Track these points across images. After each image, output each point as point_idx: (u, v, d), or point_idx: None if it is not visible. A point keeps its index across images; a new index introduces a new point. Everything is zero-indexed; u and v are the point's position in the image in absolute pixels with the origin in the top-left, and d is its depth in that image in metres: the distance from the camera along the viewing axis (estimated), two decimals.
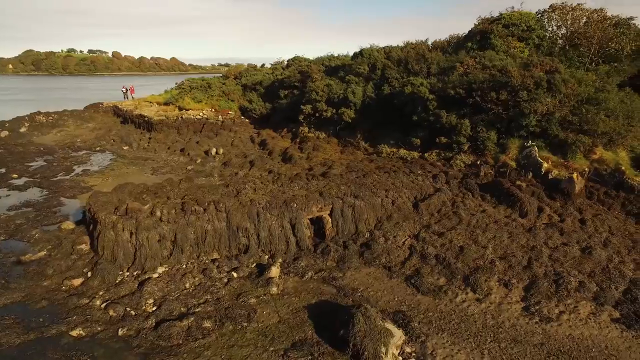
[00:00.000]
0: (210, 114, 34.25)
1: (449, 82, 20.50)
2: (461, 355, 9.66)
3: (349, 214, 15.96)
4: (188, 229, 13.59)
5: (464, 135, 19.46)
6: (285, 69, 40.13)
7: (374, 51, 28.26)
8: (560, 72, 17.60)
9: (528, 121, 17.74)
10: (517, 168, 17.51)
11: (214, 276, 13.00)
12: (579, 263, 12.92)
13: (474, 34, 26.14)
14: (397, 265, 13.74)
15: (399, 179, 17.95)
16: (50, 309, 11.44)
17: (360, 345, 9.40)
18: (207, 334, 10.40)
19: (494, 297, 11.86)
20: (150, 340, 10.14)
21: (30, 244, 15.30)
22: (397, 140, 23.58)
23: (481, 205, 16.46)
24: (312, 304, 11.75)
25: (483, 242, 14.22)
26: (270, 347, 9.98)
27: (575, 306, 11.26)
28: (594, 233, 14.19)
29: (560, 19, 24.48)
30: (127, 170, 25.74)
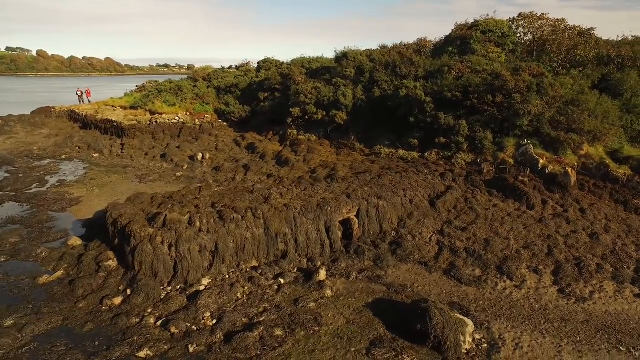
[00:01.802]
0: (187, 118, 32.97)
1: (445, 86, 21.75)
2: (526, 337, 10.53)
3: (374, 214, 16.43)
4: (228, 237, 13.24)
5: (462, 136, 20.78)
6: (257, 71, 39.65)
7: (358, 54, 28.97)
8: (547, 76, 19.50)
9: (522, 121, 19.42)
10: (515, 165, 19.10)
11: (263, 284, 12.82)
12: (590, 248, 14.53)
13: (454, 39, 27.86)
14: (431, 261, 14.47)
15: (412, 179, 18.77)
16: (99, 331, 10.63)
17: (441, 336, 9.90)
18: (282, 342, 10.31)
19: (529, 283, 12.98)
20: (226, 354, 9.84)
21: (39, 264, 13.99)
22: (391, 141, 24.49)
23: (491, 200, 17.80)
24: (369, 303, 12.05)
25: (504, 234, 15.45)
26: (350, 347, 10.15)
27: (601, 286, 12.71)
28: (594, 221, 16.01)
29: (528, 26, 26.91)
30: (109, 179, 24.10)
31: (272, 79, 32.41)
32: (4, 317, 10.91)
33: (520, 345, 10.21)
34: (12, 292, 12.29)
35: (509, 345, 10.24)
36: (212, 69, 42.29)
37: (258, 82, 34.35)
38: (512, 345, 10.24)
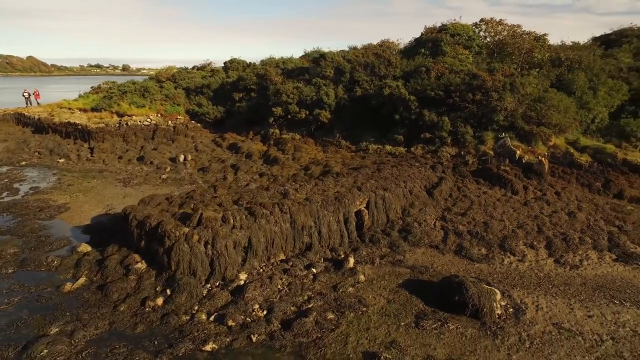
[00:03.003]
0: (159, 120, 31.95)
1: (427, 85, 23.46)
2: (542, 300, 12.14)
3: (381, 205, 17.52)
4: (259, 232, 13.60)
5: (445, 131, 22.59)
6: (226, 71, 39.26)
7: (336, 55, 30.01)
8: (518, 77, 21.87)
9: (498, 117, 21.60)
10: (495, 156, 21.21)
11: (298, 274, 13.34)
12: (571, 224, 16.76)
13: (425, 41, 29.86)
14: (441, 244, 15.83)
15: (408, 171, 20.14)
16: (153, 331, 10.58)
17: (478, 304, 11.16)
18: (336, 324, 10.98)
19: (529, 257, 14.77)
20: (289, 339, 10.32)
21: (54, 272, 13.39)
22: (376, 138, 25.82)
23: (480, 188, 19.67)
24: (401, 284, 13.07)
25: (499, 217, 17.27)
26: (399, 322, 11.09)
27: (587, 254, 14.82)
28: (569, 201, 18.40)
29: (489, 30, 29.63)
30: (90, 184, 22.97)
31: (247, 79, 32.43)
32: (46, 326, 10.49)
33: (540, 307, 11.79)
34: (39, 301, 11.72)
35: (531, 307, 11.77)
36: (176, 70, 41.12)
37: (231, 82, 34.14)
38: (534, 307, 11.78)
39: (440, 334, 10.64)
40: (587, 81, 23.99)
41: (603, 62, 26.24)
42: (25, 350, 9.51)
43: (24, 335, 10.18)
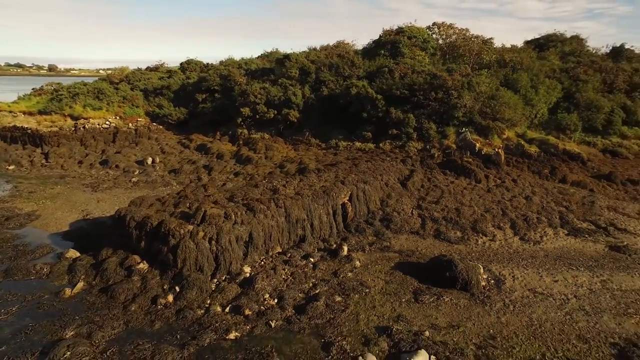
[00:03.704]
0: (118, 122, 30.75)
1: (392, 85, 25.02)
2: (516, 271, 13.89)
3: (362, 197, 18.65)
4: (259, 227, 14.11)
5: (411, 127, 24.28)
6: (183, 72, 38.47)
7: (300, 56, 30.78)
8: (473, 76, 24.10)
9: (458, 113, 23.67)
10: (458, 149, 23.24)
11: (299, 264, 14.04)
12: (528, 207, 19.00)
13: (385, 42, 31.55)
14: (420, 230, 17.27)
15: (382, 165, 21.47)
16: (171, 326, 10.78)
17: (467, 278, 12.60)
18: (345, 305, 11.85)
19: (499, 236, 16.64)
20: (305, 322, 11.01)
21: (45, 280, 12.98)
22: (344, 135, 26.98)
23: (447, 178, 21.50)
24: (393, 267, 14.24)
25: (467, 203, 19.10)
26: (401, 299, 12.21)
27: (545, 231, 16.99)
28: (524, 187, 20.75)
29: (441, 33, 32.03)
30: (54, 191, 21.85)
31: (210, 80, 32.19)
32: (58, 331, 10.30)
33: (516, 277, 13.51)
34: (40, 309, 11.37)
35: (509, 278, 13.45)
36: (130, 71, 39.53)
37: (193, 83, 33.66)
38: (511, 278, 13.48)
39: (437, 306, 11.91)
40: (529, 80, 26.93)
41: (540, 64, 29.53)
42: (45, 355, 9.35)
43: (37, 342, 9.94)
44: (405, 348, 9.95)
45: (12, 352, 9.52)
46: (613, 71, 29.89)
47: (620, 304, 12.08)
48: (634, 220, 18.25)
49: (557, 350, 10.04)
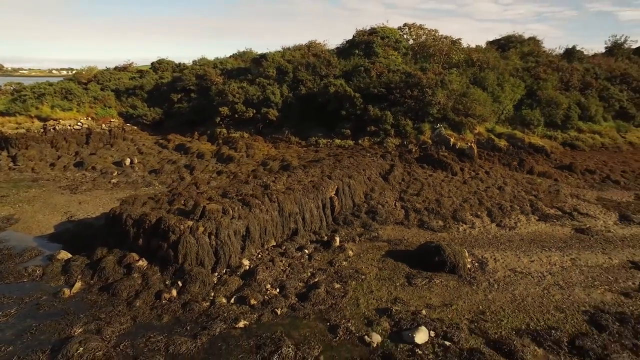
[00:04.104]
0: (91, 124, 29.91)
1: (370, 83, 25.93)
2: (497, 254, 15.04)
3: (347, 191, 19.37)
4: (255, 221, 14.48)
5: (388, 124, 25.28)
6: (155, 72, 37.78)
7: (276, 56, 31.13)
8: (446, 75, 25.41)
9: (433, 110, 24.89)
10: (433, 144, 24.45)
11: (295, 256, 14.53)
12: (502, 196, 20.39)
13: (359, 42, 32.47)
14: (405, 221, 18.19)
15: (364, 161, 22.27)
16: (179, 319, 10.98)
17: (454, 261, 13.56)
18: (344, 291, 12.48)
19: (477, 224, 17.84)
20: (310, 308, 11.54)
21: (39, 282, 12.80)
22: (324, 133, 27.63)
23: (425, 171, 22.61)
24: (384, 255, 15.01)
25: (446, 194, 20.24)
26: (395, 283, 12.99)
27: (518, 218, 18.37)
28: (497, 178, 22.19)
29: (411, 33, 33.36)
30: (29, 195, 21.15)
31: (185, 79, 31.91)
32: (65, 329, 10.29)
33: (497, 259, 14.64)
34: (41, 309, 11.25)
35: (490, 260, 14.56)
36: (98, 70, 38.33)
37: (167, 83, 33.21)
38: (492, 260, 14.59)
39: (430, 288, 12.79)
40: (496, 79, 28.67)
41: (504, 63, 31.44)
42: (56, 353, 9.36)
43: (44, 341, 9.91)
44: (406, 326, 10.70)
45: (20, 351, 9.47)
46: (568, 71, 32.33)
47: (587, 278, 13.42)
48: (593, 205, 20.04)
49: (539, 320, 11.12)
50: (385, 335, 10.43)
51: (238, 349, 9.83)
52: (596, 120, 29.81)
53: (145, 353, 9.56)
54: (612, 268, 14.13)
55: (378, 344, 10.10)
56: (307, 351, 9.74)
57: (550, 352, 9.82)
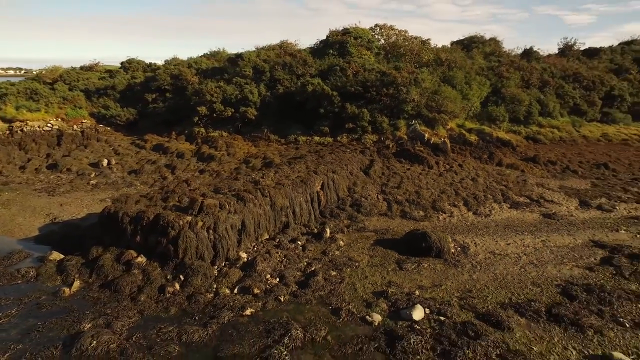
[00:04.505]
0: (62, 125, 28.95)
1: (347, 82, 26.78)
2: (476, 239, 16.24)
3: (332, 185, 20.10)
4: (249, 215, 14.90)
5: (365, 121, 26.23)
6: (125, 72, 36.92)
7: (252, 55, 31.37)
8: (419, 73, 26.69)
9: (407, 107, 26.09)
10: (409, 139, 25.63)
11: (289, 247, 15.07)
12: (475, 187, 21.81)
13: (333, 42, 33.27)
14: (388, 212, 19.15)
15: (344, 157, 23.07)
16: (185, 311, 11.26)
17: (440, 247, 14.59)
18: (341, 277, 13.17)
19: (455, 213, 19.07)
20: (310, 294, 12.14)
21: (35, 282, 12.66)
22: (302, 131, 28.22)
23: (403, 165, 23.71)
24: (373, 244, 15.85)
25: (425, 187, 21.40)
26: (388, 268, 13.84)
27: (492, 206, 19.78)
28: (469, 171, 23.64)
29: (382, 33, 34.57)
30: (4, 197, 20.48)
31: (160, 79, 31.52)
32: (73, 326, 10.35)
33: (477, 244, 15.84)
34: (43, 309, 11.20)
35: (471, 245, 15.73)
36: (64, 70, 36.95)
37: (140, 83, 32.64)
38: (473, 244, 15.77)
39: (419, 271, 13.73)
40: (464, 77, 30.34)
41: (470, 63, 33.27)
42: (69, 347, 9.47)
43: (54, 337, 9.96)
44: (402, 305, 11.54)
45: (31, 348, 9.50)
46: (528, 70, 34.66)
47: (557, 257, 14.83)
48: (557, 193, 21.85)
49: (519, 294, 12.29)
50: (384, 315, 11.21)
51: (249, 335, 10.28)
52: (554, 116, 32.21)
53: (159, 343, 9.83)
54: (576, 247, 15.65)
55: (379, 322, 10.85)
56: (314, 332, 10.35)
57: (531, 321, 10.95)
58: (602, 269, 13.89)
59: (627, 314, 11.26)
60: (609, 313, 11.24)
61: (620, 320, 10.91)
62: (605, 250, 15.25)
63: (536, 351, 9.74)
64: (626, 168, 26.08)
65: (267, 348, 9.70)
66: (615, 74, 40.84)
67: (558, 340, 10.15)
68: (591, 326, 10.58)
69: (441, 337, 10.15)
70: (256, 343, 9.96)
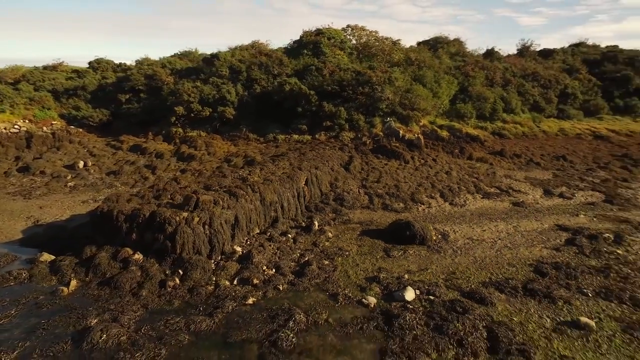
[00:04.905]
0: (30, 126, 27.95)
1: (324, 81, 27.53)
2: (455, 227, 17.43)
3: (315, 181, 20.79)
4: (242, 211, 15.33)
5: (342, 119, 27.09)
6: (95, 72, 35.92)
7: (227, 55, 31.49)
8: (392, 73, 27.84)
9: (382, 105, 27.18)
10: (385, 136, 26.71)
11: (281, 240, 15.62)
12: (450, 179, 23.14)
13: (307, 43, 33.91)
14: (370, 205, 20.06)
15: (325, 153, 23.81)
16: (189, 303, 11.58)
17: (423, 235, 15.62)
18: (333, 266, 13.86)
19: (433, 204, 20.25)
20: (307, 282, 12.76)
21: (28, 284, 12.57)
22: (280, 129, 28.70)
23: (381, 161, 24.74)
24: (360, 234, 16.67)
25: (403, 180, 22.50)
26: (376, 255, 14.70)
27: (466, 197, 21.13)
28: (443, 165, 25.00)
29: (354, 34, 35.61)
30: None
31: (133, 79, 31.01)
32: (78, 322, 10.46)
33: (455, 231, 17.02)
34: (43, 308, 11.20)
35: (451, 232, 16.88)
36: (26, 69, 35.44)
37: (112, 83, 31.95)
38: (452, 232, 16.93)
39: (406, 257, 14.67)
40: (433, 76, 31.86)
41: (438, 62, 34.91)
42: (79, 342, 9.64)
43: (61, 334, 10.06)
44: (394, 288, 12.40)
45: (40, 345, 9.59)
46: (492, 69, 36.79)
47: (528, 240, 16.23)
48: (523, 183, 23.59)
49: (498, 274, 13.47)
50: (379, 297, 12.02)
51: (254, 321, 10.79)
52: (516, 112, 34.42)
53: (169, 333, 10.16)
54: (544, 231, 17.16)
55: (375, 304, 11.65)
56: (316, 316, 11.01)
57: (510, 296, 12.11)
58: (566, 249, 15.38)
59: (589, 285, 12.68)
60: (575, 286, 12.61)
61: (584, 291, 12.29)
62: (568, 233, 16.81)
63: (516, 321, 10.86)
64: (581, 160, 28.42)
65: (274, 332, 10.25)
66: (567, 73, 43.95)
67: (534, 311, 11.34)
68: (561, 297, 11.86)
69: (433, 313, 11.08)
70: (262, 328, 10.49)
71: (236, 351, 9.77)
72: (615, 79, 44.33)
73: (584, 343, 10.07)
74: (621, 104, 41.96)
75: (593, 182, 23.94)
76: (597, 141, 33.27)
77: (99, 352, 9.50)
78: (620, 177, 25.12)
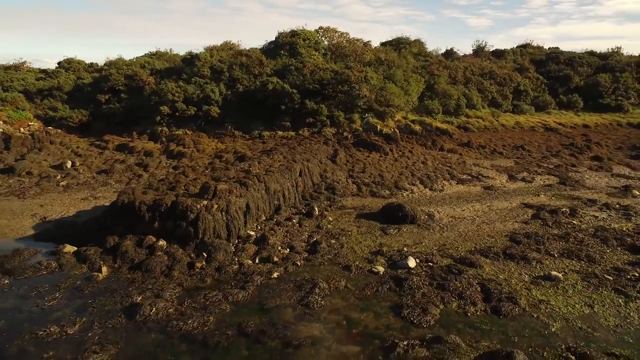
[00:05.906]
0: (7, 128, 27.34)
1: (305, 80, 29.10)
2: (438, 208, 19.65)
3: (307, 172, 22.38)
4: (252, 199, 16.65)
5: (324, 115, 28.81)
6: (66, 71, 35.25)
7: (207, 55, 32.23)
8: (368, 72, 29.91)
9: (360, 102, 29.17)
10: (364, 131, 28.72)
11: (288, 225, 17.07)
12: (426, 169, 25.50)
13: (283, 44, 35.28)
14: (359, 193, 21.91)
15: (312, 148, 25.40)
16: (219, 280, 12.74)
17: (414, 214, 17.65)
18: (340, 244, 15.53)
19: (415, 190, 22.45)
20: (321, 258, 14.32)
21: (59, 272, 13.22)
22: (265, 126, 29.96)
23: (363, 154, 26.70)
24: (357, 217, 18.44)
25: (385, 170, 24.57)
26: (374, 233, 16.53)
27: (443, 183, 23.52)
28: (419, 156, 27.36)
29: (326, 35, 37.43)
30: None
31: (113, 80, 31.01)
32: (126, 299, 11.41)
33: (439, 212, 19.24)
34: (85, 290, 12.01)
35: (436, 213, 19.07)
36: None
37: (90, 83, 31.72)
38: (437, 212, 19.13)
39: (401, 234, 16.63)
40: (402, 75, 34.34)
41: (405, 62, 37.50)
42: (131, 316, 10.70)
43: (111, 310, 10.98)
44: (397, 259, 14.26)
45: (97, 319, 10.54)
46: (454, 68, 39.96)
47: (501, 216, 18.73)
48: (490, 170, 26.43)
49: (481, 244, 15.72)
50: (385, 267, 13.85)
51: (284, 291, 12.25)
52: (478, 108, 37.72)
53: (210, 305, 11.38)
54: (513, 209, 19.78)
55: (383, 272, 13.45)
56: (336, 283, 12.63)
57: (494, 260, 14.33)
58: (533, 222, 18.00)
59: (554, 249, 15.21)
60: (544, 249, 15.09)
61: (551, 253, 14.79)
62: (533, 209, 19.51)
63: (502, 278, 13.06)
64: (537, 149, 31.94)
65: (304, 298, 11.76)
66: (519, 72, 48.28)
67: (514, 270, 13.62)
68: (534, 259, 14.25)
69: (434, 275, 13.05)
70: (292, 296, 11.98)
71: (274, 314, 11.19)
72: (559, 78, 49.24)
73: (555, 290, 12.41)
74: (565, 100, 46.73)
75: (548, 168, 27.24)
76: (548, 133, 37.26)
77: (152, 322, 10.59)
78: (569, 163, 28.68)
